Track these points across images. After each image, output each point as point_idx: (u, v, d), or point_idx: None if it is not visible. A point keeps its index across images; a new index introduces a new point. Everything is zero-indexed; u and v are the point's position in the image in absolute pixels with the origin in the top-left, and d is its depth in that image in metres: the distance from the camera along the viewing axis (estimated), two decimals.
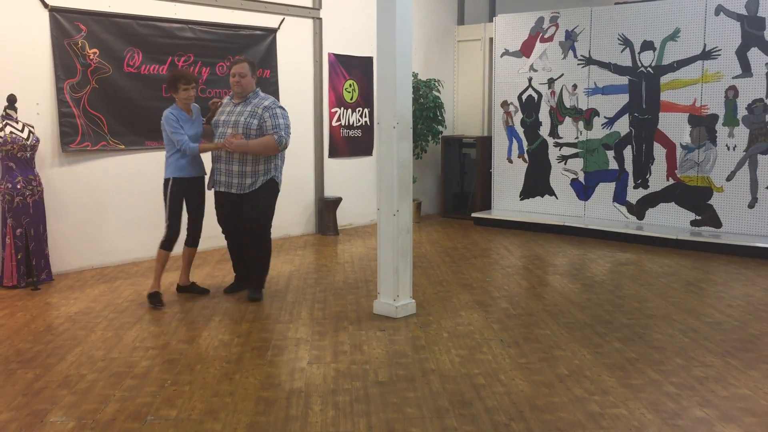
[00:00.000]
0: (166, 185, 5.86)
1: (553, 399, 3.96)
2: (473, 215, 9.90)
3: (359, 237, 8.98)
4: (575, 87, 9.13)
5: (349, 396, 4.01)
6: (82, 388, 4.12)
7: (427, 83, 10.08)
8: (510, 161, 9.81)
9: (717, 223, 8.20)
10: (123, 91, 7.14)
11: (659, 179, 8.58)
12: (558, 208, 9.43)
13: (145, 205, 7.29)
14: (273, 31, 8.50)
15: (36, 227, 6.37)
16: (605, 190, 9.03)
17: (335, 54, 9.22)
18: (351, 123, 9.54)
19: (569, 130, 9.25)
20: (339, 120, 9.38)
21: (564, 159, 9.33)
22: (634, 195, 8.80)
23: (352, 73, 9.46)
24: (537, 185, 9.61)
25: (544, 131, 9.47)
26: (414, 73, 9.77)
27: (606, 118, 8.93)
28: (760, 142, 7.87)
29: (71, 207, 6.92)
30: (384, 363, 4.52)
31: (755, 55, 7.83)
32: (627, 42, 8.68)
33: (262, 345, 4.88)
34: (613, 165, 8.92)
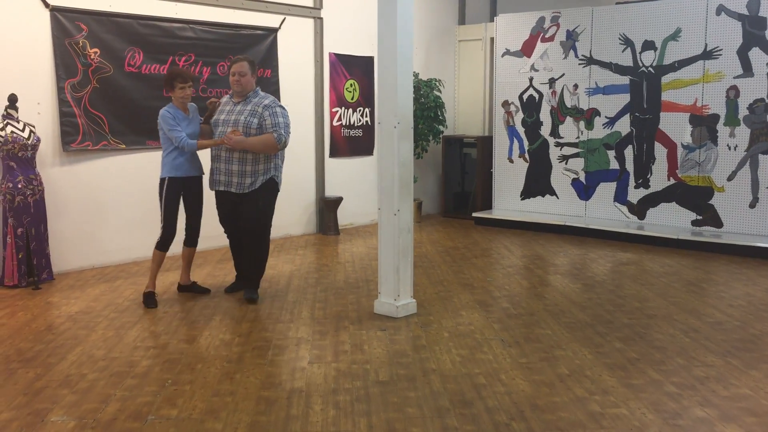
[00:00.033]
0: (161, 185, 5.81)
1: (554, 399, 3.96)
2: (474, 215, 9.90)
3: (360, 237, 8.98)
4: (576, 87, 9.12)
5: (350, 396, 4.01)
6: (82, 387, 4.12)
7: (428, 83, 10.08)
8: (511, 161, 9.81)
9: (718, 223, 8.20)
10: (124, 91, 7.14)
11: (660, 179, 8.58)
12: (559, 207, 9.43)
13: (146, 205, 7.28)
14: (274, 31, 8.50)
15: (37, 227, 6.38)
16: (606, 189, 9.03)
17: (336, 54, 9.22)
18: (352, 123, 9.54)
19: (570, 129, 9.25)
20: (340, 120, 9.38)
21: (565, 159, 9.33)
22: (635, 195, 8.80)
23: (352, 73, 9.46)
24: (538, 185, 9.60)
25: (545, 131, 9.47)
26: (415, 73, 9.77)
27: (607, 117, 8.92)
28: (761, 141, 7.86)
29: (72, 206, 6.92)
30: (385, 363, 4.52)
31: (756, 55, 7.83)
32: (628, 42, 8.67)
33: (262, 344, 4.88)
34: (614, 165, 8.92)
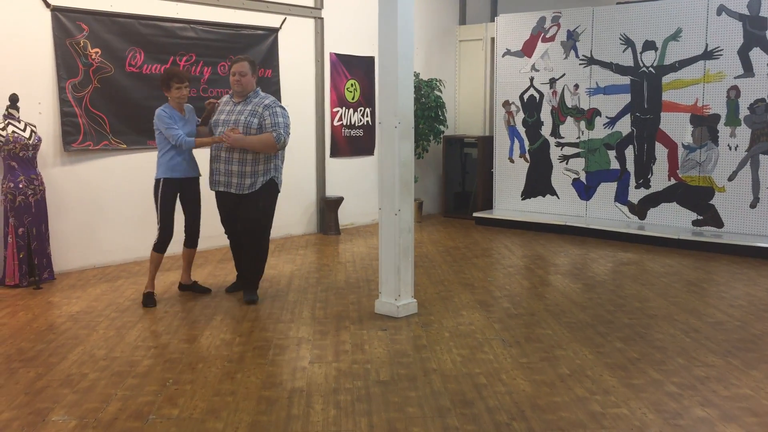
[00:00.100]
0: (156, 186, 5.76)
1: (555, 398, 3.96)
2: (475, 215, 9.90)
3: (361, 236, 8.98)
4: (577, 87, 9.13)
5: (351, 395, 4.01)
6: (83, 387, 4.13)
7: (429, 83, 10.08)
8: (511, 161, 9.81)
9: (719, 223, 8.20)
10: (125, 91, 7.15)
11: (661, 179, 8.58)
12: (559, 207, 9.43)
13: (148, 205, 7.23)
14: (275, 31, 8.50)
15: (38, 226, 6.38)
16: (607, 189, 9.03)
17: (337, 54, 9.22)
18: (352, 123, 9.55)
19: (571, 129, 9.25)
20: (340, 120, 9.39)
21: (565, 159, 9.33)
22: (635, 195, 8.80)
23: (353, 73, 9.46)
24: (538, 185, 9.60)
25: (545, 131, 9.47)
26: (415, 73, 9.78)
27: (608, 117, 8.92)
28: (761, 142, 7.86)
29: (73, 206, 6.93)
30: (385, 362, 4.52)
31: (757, 55, 7.82)
32: (629, 42, 8.67)
33: (263, 344, 4.88)
34: (615, 165, 8.92)
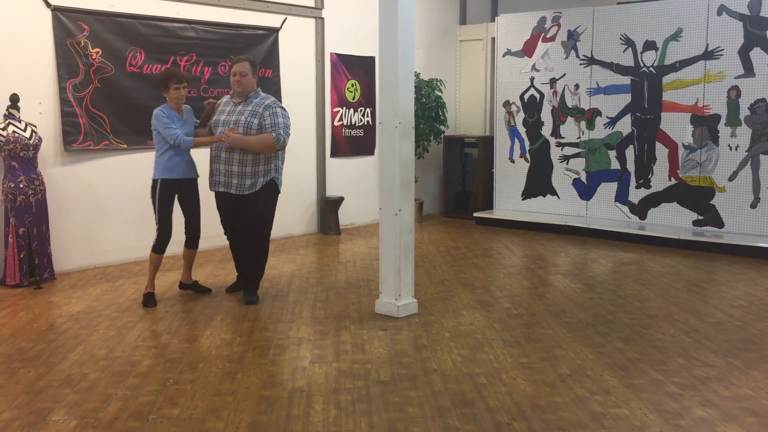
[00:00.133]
0: (154, 187, 5.74)
1: (555, 399, 3.96)
2: (475, 215, 9.90)
3: (361, 236, 8.98)
4: (577, 87, 9.12)
5: (351, 395, 4.01)
6: (84, 386, 4.13)
7: (429, 83, 10.08)
8: (512, 161, 9.81)
9: (719, 223, 8.20)
10: (125, 91, 7.15)
11: (661, 179, 8.58)
12: (560, 207, 9.43)
13: (148, 205, 7.20)
14: (275, 31, 8.50)
15: (38, 226, 6.39)
16: (607, 189, 9.03)
17: (337, 54, 9.23)
18: (353, 123, 9.55)
19: (571, 129, 9.25)
20: (341, 120, 9.39)
21: (566, 159, 9.33)
22: (636, 195, 8.80)
23: (354, 73, 9.46)
24: (539, 185, 9.60)
25: (546, 131, 9.47)
26: (416, 73, 9.78)
27: (608, 117, 8.92)
28: (762, 142, 7.86)
29: (74, 206, 6.93)
30: (386, 362, 4.52)
31: (758, 55, 7.82)
32: (629, 42, 8.67)
33: (263, 344, 4.88)
34: (615, 165, 8.92)
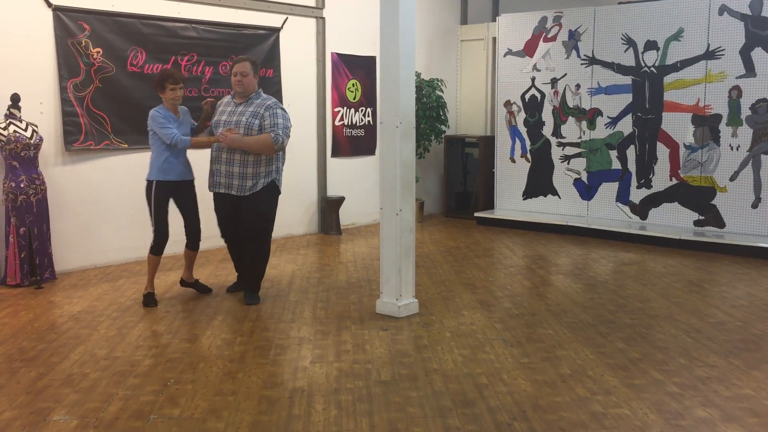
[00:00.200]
0: (149, 188, 5.70)
1: (556, 399, 3.96)
2: (476, 215, 9.90)
3: (362, 236, 8.98)
4: (578, 87, 9.12)
5: (352, 395, 4.01)
6: (85, 386, 4.13)
7: (430, 83, 10.08)
8: (513, 161, 9.81)
9: (720, 223, 8.19)
10: (126, 91, 7.15)
11: (662, 179, 8.57)
12: (561, 207, 9.42)
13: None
14: (276, 31, 8.50)
15: (39, 226, 6.39)
16: (608, 189, 9.02)
17: (338, 53, 9.22)
18: (354, 122, 9.55)
19: (572, 129, 9.24)
20: (342, 119, 9.39)
21: (567, 159, 9.32)
22: (637, 195, 8.79)
23: (355, 73, 9.46)
24: (540, 185, 9.60)
25: (547, 131, 9.47)
26: (417, 73, 9.78)
27: (609, 117, 8.92)
28: (763, 142, 7.85)
29: (74, 206, 6.93)
30: (386, 362, 4.52)
31: (759, 55, 7.82)
32: (630, 42, 8.67)
33: (264, 344, 4.88)
34: (616, 165, 8.92)
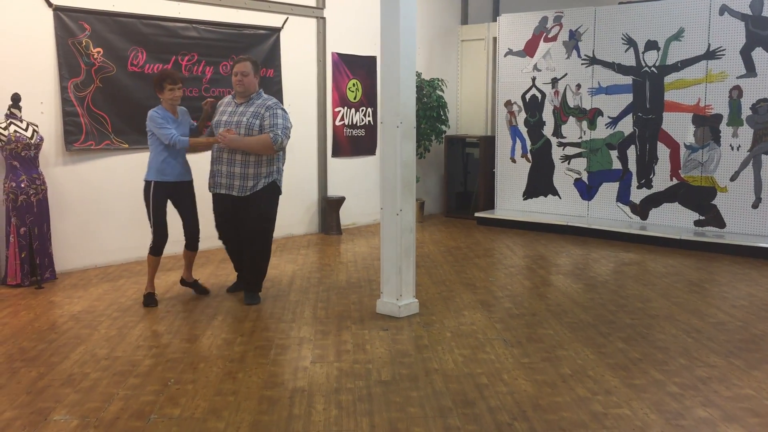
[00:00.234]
0: (147, 189, 5.69)
1: (556, 399, 3.96)
2: (476, 215, 9.90)
3: (362, 236, 8.98)
4: (579, 87, 9.12)
5: (352, 395, 4.01)
6: (85, 386, 4.13)
7: (431, 83, 10.08)
8: (513, 161, 9.81)
9: (721, 224, 8.19)
10: (127, 91, 7.15)
11: (663, 179, 8.57)
12: (561, 207, 9.42)
13: None
14: (276, 31, 8.50)
15: (40, 226, 6.39)
16: (609, 189, 9.02)
17: (339, 53, 9.22)
18: (354, 122, 9.55)
19: (573, 129, 9.24)
20: (342, 119, 9.39)
21: (567, 159, 9.32)
22: (637, 195, 8.79)
23: (355, 73, 9.46)
24: (540, 185, 9.60)
25: (547, 131, 9.46)
26: (417, 73, 9.78)
27: (610, 117, 8.92)
28: (764, 142, 7.85)
29: (75, 206, 6.93)
30: (387, 362, 4.52)
31: (760, 55, 7.81)
32: (631, 42, 8.67)
33: (265, 344, 4.88)
34: (617, 165, 8.91)
